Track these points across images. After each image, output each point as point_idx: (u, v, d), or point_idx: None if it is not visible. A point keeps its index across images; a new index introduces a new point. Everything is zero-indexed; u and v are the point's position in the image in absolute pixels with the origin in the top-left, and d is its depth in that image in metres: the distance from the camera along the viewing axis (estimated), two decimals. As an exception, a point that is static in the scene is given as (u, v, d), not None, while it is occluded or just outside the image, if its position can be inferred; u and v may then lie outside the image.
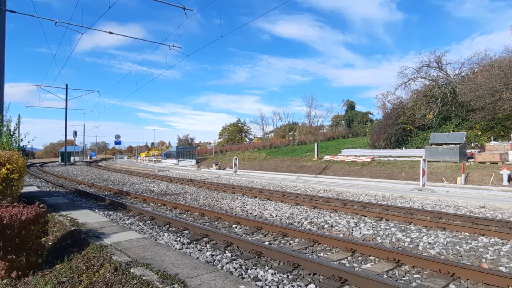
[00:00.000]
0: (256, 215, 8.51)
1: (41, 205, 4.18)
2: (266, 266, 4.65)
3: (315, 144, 31.77)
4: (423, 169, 14.38)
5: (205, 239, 6.11)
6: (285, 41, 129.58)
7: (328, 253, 5.37)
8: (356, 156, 26.19)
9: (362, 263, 4.90)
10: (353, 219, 7.77)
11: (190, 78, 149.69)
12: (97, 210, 8.66)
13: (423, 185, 14.23)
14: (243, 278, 4.14)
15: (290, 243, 5.94)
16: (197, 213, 8.68)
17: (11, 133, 9.72)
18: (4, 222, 3.50)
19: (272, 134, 69.27)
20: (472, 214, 8.74)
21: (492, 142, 20.89)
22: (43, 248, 4.08)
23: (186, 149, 50.07)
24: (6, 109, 10.97)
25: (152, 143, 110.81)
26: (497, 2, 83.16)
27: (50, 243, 4.91)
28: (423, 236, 6.22)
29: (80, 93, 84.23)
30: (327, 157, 27.98)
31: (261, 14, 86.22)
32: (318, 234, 6.06)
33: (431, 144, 21.81)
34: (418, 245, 5.70)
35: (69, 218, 6.48)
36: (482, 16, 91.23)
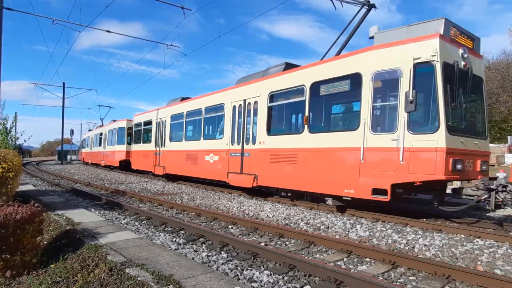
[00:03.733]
0: (252, 216, 8.51)
1: (37, 204, 4.17)
2: (262, 267, 4.65)
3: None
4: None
5: (201, 239, 6.10)
6: (284, 41, 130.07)
7: (324, 255, 5.37)
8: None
9: (358, 264, 4.91)
10: (349, 220, 7.78)
11: (189, 77, 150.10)
12: (93, 210, 8.62)
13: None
14: (238, 279, 4.14)
15: (286, 244, 5.94)
16: (193, 213, 8.67)
17: (7, 131, 9.69)
18: (-1, 221, 3.48)
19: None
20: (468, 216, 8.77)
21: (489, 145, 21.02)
22: (38, 247, 4.06)
23: (184, 148, 49.80)
24: (2, 106, 10.94)
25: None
26: (495, 5, 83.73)
27: (45, 243, 4.89)
28: (419, 238, 6.24)
29: (78, 91, 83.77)
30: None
31: (260, 13, 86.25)
32: (314, 235, 6.06)
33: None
34: (414, 247, 5.71)
35: (64, 218, 6.45)
36: (480, 19, 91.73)
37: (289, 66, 10.61)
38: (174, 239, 6.00)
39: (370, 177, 7.45)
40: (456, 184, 11.12)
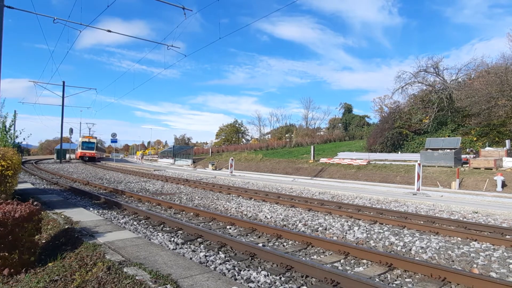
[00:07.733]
0: (250, 217, 8.53)
1: (35, 203, 4.18)
2: (259, 267, 4.67)
3: (312, 147, 31.87)
4: (418, 173, 14.47)
5: (199, 239, 6.11)
6: (285, 43, 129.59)
7: (321, 256, 5.39)
8: (352, 159, 26.30)
9: (355, 266, 4.93)
10: (347, 222, 7.81)
11: (189, 77, 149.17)
12: (91, 209, 8.63)
13: (418, 189, 14.31)
14: (235, 279, 4.16)
15: (283, 245, 5.96)
16: (191, 214, 8.68)
17: (7, 129, 9.69)
18: (-3, 219, 3.49)
19: (269, 135, 69.32)
20: (465, 219, 8.81)
21: (487, 148, 21.05)
22: (36, 246, 4.07)
23: (183, 148, 50.05)
24: (2, 104, 10.93)
25: (149, 142, 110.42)
26: (495, 9, 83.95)
27: (43, 241, 4.90)
28: (416, 240, 6.27)
29: (77, 90, 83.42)
30: (323, 160, 28.07)
31: (263, 16, 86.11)
32: (311, 237, 6.08)
33: (427, 149, 21.95)
34: (410, 249, 5.74)
35: (63, 216, 6.46)
36: (481, 23, 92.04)
37: (86, 137, 45.14)
38: (172, 239, 6.01)
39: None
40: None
